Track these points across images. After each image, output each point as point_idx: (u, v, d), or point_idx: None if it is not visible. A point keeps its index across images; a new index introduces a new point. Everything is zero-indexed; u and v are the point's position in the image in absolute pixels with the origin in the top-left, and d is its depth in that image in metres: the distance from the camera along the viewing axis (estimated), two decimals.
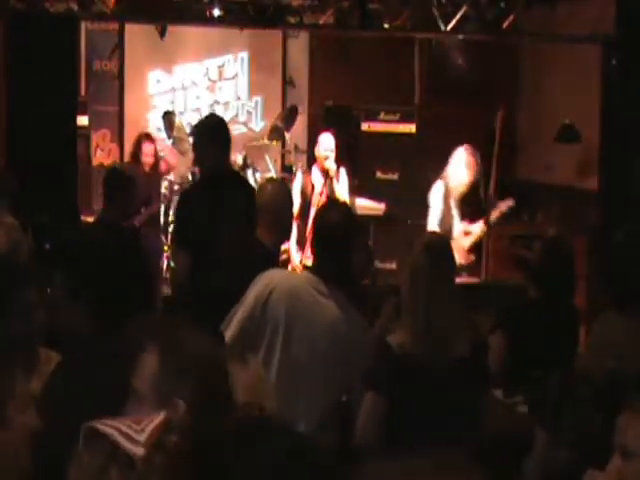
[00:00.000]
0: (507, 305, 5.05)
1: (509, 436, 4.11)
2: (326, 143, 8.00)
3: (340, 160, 8.33)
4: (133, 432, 2.16)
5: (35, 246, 5.92)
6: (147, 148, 8.87)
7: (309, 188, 8.06)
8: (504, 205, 7.61)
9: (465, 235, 7.46)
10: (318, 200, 7.77)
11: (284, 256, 8.40)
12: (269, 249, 4.85)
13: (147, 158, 8.84)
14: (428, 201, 7.49)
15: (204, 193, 5.61)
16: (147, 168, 8.81)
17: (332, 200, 7.07)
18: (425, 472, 1.59)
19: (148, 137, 9.05)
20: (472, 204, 7.53)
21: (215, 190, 5.50)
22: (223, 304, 4.17)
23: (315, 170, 8.11)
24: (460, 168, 7.32)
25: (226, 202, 5.38)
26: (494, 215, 7.57)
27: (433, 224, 7.37)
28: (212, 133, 5.68)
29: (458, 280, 6.25)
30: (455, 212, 7.41)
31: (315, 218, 4.40)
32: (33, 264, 4.94)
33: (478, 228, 7.44)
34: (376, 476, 1.43)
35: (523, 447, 3.58)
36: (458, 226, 7.43)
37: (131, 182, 6.62)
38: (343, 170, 8.21)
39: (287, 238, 5.72)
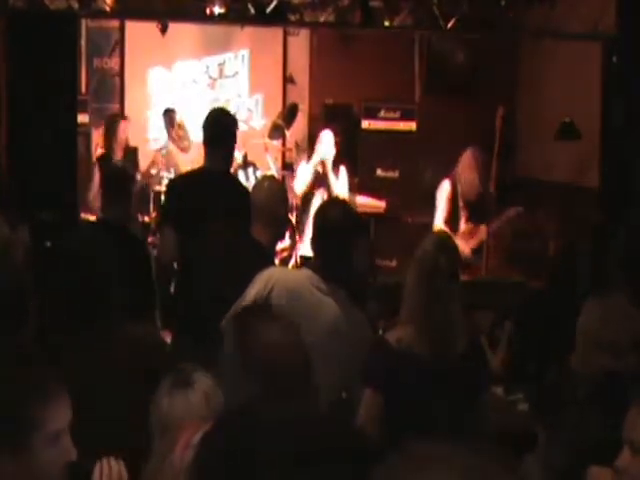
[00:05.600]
0: (508, 302, 5.06)
1: (509, 433, 4.12)
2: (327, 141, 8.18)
3: (340, 158, 8.36)
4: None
5: (35, 245, 5.87)
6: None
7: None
8: (512, 211, 7.63)
9: (470, 237, 7.48)
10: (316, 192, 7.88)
11: (284, 254, 8.40)
12: (264, 247, 4.84)
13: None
14: (433, 199, 7.50)
15: (191, 182, 5.71)
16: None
17: (333, 198, 7.07)
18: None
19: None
20: (476, 203, 7.54)
21: (202, 185, 5.54)
22: (219, 305, 4.15)
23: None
24: (472, 173, 7.35)
25: (212, 198, 5.40)
26: (500, 222, 7.60)
27: (439, 222, 7.39)
28: (212, 133, 5.75)
29: None
30: (462, 213, 7.43)
31: (315, 216, 4.39)
32: (30, 262, 4.92)
33: (483, 233, 7.48)
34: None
35: (523, 445, 3.58)
36: (463, 226, 7.45)
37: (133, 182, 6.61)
38: (343, 168, 8.24)
39: (283, 236, 5.71)
